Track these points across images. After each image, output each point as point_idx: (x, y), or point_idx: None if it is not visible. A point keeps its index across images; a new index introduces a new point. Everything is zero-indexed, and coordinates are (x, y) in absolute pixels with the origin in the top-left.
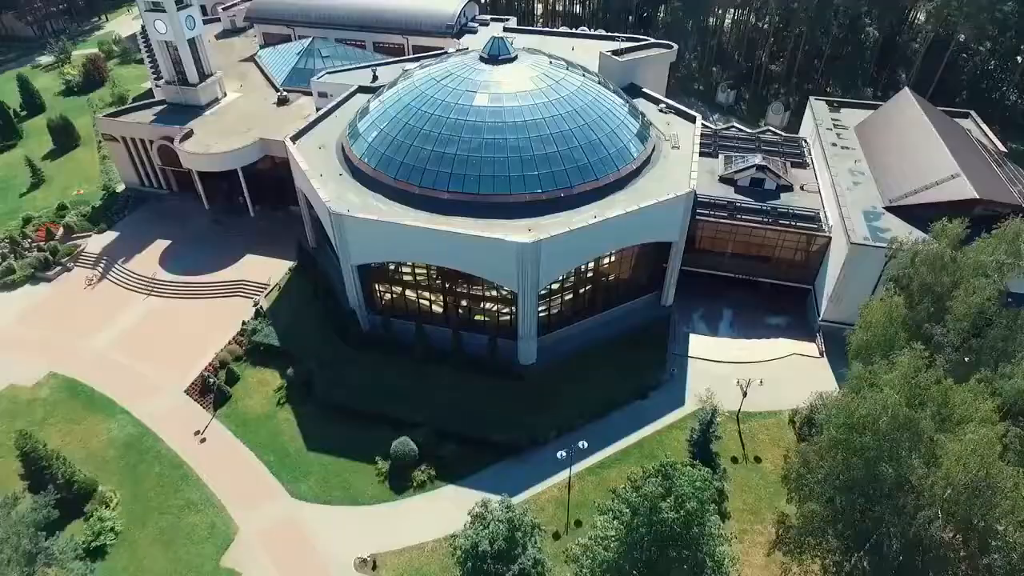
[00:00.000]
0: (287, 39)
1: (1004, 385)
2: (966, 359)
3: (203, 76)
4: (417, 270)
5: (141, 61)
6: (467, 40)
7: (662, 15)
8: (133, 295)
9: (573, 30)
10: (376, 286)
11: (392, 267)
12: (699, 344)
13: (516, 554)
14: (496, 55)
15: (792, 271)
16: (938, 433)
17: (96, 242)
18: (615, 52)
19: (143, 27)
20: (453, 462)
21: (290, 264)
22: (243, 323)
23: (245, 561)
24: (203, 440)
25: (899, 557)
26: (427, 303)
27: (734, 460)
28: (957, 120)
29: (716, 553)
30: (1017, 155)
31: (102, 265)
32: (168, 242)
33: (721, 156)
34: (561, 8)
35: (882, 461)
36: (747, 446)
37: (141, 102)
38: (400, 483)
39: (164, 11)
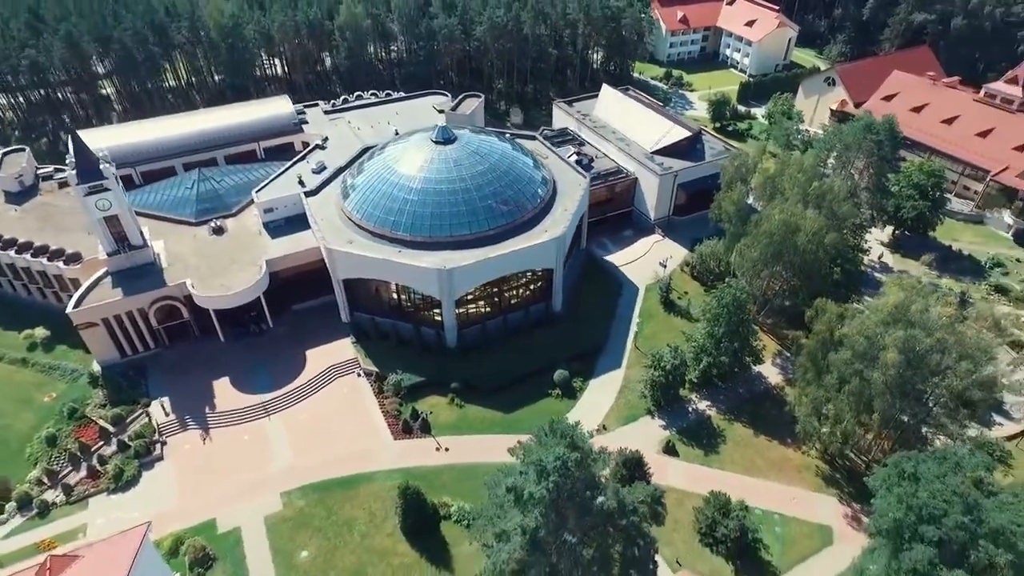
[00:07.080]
0: (127, 179)
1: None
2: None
3: (142, 237)
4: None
5: None
6: (307, 128)
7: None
8: (255, 423)
9: (389, 95)
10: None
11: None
12: (614, 258)
13: (684, 364)
14: (446, 138)
15: (621, 203)
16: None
17: (156, 415)
18: (452, 108)
19: None
20: (582, 371)
21: (347, 339)
22: (381, 384)
23: None
24: (447, 449)
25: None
26: (483, 305)
27: (678, 297)
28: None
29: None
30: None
31: (192, 424)
32: (224, 378)
33: None
34: (277, 73)
35: (788, 235)
36: (678, 290)
37: (87, 286)
38: (569, 394)
39: (109, 189)
